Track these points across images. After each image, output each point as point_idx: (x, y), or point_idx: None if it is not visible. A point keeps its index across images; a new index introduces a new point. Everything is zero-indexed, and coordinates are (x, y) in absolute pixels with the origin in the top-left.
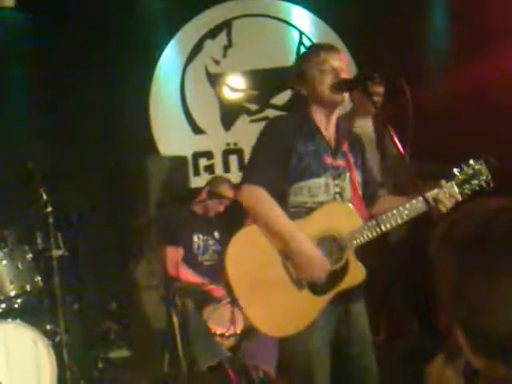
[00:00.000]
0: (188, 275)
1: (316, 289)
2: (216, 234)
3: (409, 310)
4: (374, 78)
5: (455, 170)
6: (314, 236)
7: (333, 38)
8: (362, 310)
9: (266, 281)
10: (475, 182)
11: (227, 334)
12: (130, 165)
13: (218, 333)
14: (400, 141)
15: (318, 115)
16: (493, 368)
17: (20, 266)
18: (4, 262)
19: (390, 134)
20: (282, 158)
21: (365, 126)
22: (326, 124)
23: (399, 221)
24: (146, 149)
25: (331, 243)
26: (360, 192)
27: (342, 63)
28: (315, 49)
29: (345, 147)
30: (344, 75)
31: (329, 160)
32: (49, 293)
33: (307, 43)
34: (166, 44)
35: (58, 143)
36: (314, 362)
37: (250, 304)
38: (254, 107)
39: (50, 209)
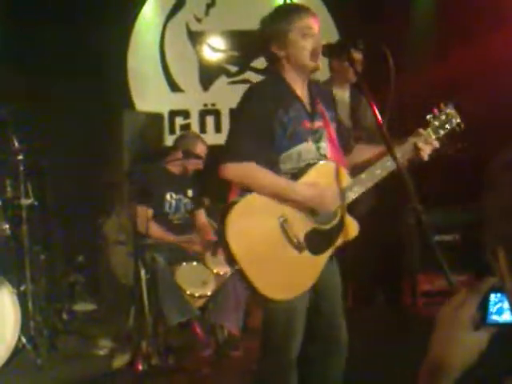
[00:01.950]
0: (159, 233)
1: (315, 249)
2: (190, 192)
3: (375, 280)
4: (357, 45)
5: (428, 117)
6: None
7: (318, 5)
8: (337, 269)
9: (268, 249)
10: (448, 126)
11: (197, 294)
12: (105, 118)
13: (188, 292)
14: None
15: (294, 79)
16: None
17: None
18: None
19: (369, 102)
20: (265, 130)
21: (341, 95)
22: (301, 88)
23: (384, 173)
24: (122, 103)
25: None
26: (339, 146)
27: (319, 28)
28: (297, 11)
29: (319, 105)
30: (321, 41)
31: (308, 124)
32: (16, 241)
33: None
34: None
35: (33, 93)
36: (296, 319)
37: (255, 273)
38: (233, 69)
39: (20, 157)
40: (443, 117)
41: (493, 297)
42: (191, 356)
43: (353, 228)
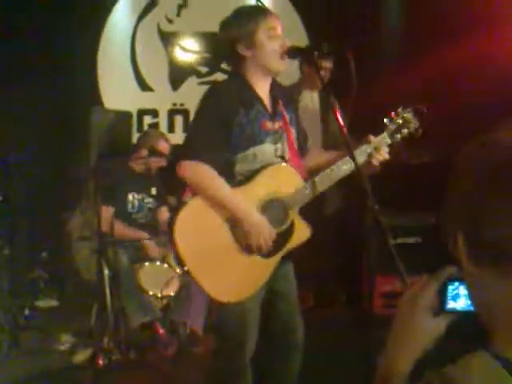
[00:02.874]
0: (123, 231)
1: (263, 253)
2: (153, 191)
3: (337, 281)
4: (322, 49)
5: (386, 121)
6: (259, 200)
7: (290, 11)
8: (291, 270)
9: (217, 250)
10: (405, 130)
11: (160, 295)
12: (73, 115)
13: (150, 293)
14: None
15: (256, 80)
16: (484, 274)
17: None
18: None
19: (333, 109)
20: (222, 130)
21: (310, 99)
22: (263, 88)
23: (336, 178)
24: (90, 100)
25: (276, 205)
26: (296, 149)
27: (282, 31)
28: (263, 12)
29: (280, 106)
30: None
31: (268, 125)
32: None
33: None
34: None
35: (2, 88)
36: (248, 319)
37: (203, 275)
38: (203, 70)
39: None
40: (400, 121)
41: (451, 285)
42: (153, 352)
43: (304, 232)
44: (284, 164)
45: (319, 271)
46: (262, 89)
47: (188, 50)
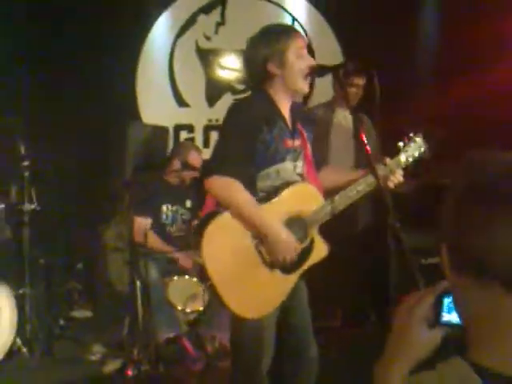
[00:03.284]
0: (157, 244)
1: (286, 268)
2: (188, 203)
3: (367, 300)
4: (345, 66)
5: (400, 144)
6: (281, 217)
7: (324, 27)
8: (303, 285)
9: (242, 266)
10: (416, 153)
11: (188, 310)
12: (111, 129)
13: (179, 308)
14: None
15: (280, 98)
16: (465, 285)
17: None
18: None
19: (359, 129)
20: (247, 146)
21: (344, 117)
22: (285, 106)
23: (356, 197)
24: (128, 115)
25: (296, 223)
26: (314, 167)
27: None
28: (291, 32)
29: (298, 125)
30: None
31: (289, 142)
32: (17, 245)
33: (299, 29)
34: (160, 14)
35: (43, 102)
36: (264, 337)
37: (227, 291)
38: (239, 87)
39: (26, 163)
40: (412, 144)
41: (446, 298)
42: (181, 366)
43: (322, 249)
44: (305, 183)
45: (348, 289)
46: (284, 107)
47: (225, 67)
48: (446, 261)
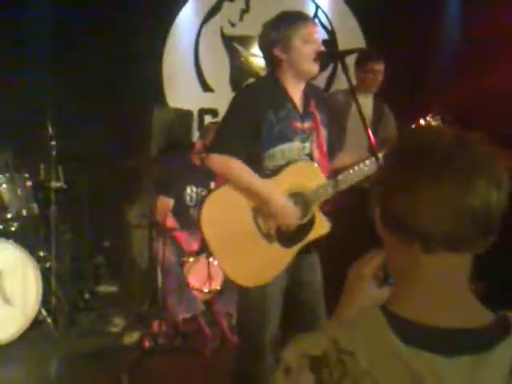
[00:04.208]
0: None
1: (285, 241)
2: (212, 185)
3: None
4: (352, 52)
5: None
6: (283, 193)
7: (348, 16)
8: (316, 261)
9: (239, 236)
10: None
11: (206, 290)
12: (138, 112)
13: (196, 288)
14: None
15: (289, 81)
16: (391, 242)
17: (19, 191)
18: (4, 185)
19: (364, 122)
20: (251, 128)
21: (364, 103)
22: (296, 90)
23: (358, 178)
24: (155, 99)
25: (298, 199)
26: (325, 149)
27: (318, 36)
28: (300, 18)
29: (312, 107)
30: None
31: (298, 124)
32: (44, 221)
33: (322, 18)
34: (186, 1)
35: (71, 85)
36: (268, 305)
37: (225, 258)
38: (262, 72)
39: (54, 142)
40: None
41: None
42: (197, 340)
43: (324, 226)
44: (307, 161)
45: None
46: (295, 90)
47: (248, 53)
48: (377, 219)
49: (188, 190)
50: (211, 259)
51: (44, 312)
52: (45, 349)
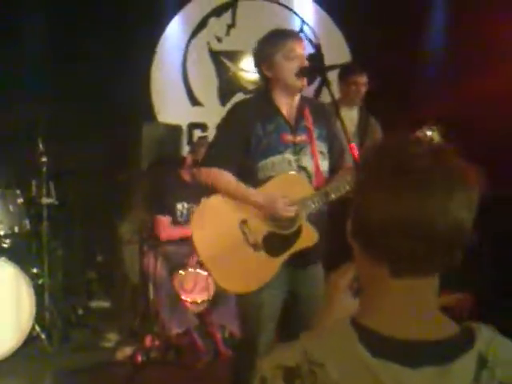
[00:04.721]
0: (178, 233)
1: (271, 251)
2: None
3: None
4: (334, 67)
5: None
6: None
7: (333, 30)
8: (318, 273)
9: (227, 245)
10: None
11: (199, 301)
12: (127, 127)
13: (189, 300)
14: None
15: (279, 96)
16: (359, 251)
17: (11, 208)
18: None
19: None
20: (240, 141)
21: (349, 116)
22: (287, 105)
23: (346, 189)
24: (144, 115)
25: None
26: (323, 162)
27: (304, 50)
28: (283, 36)
29: (309, 122)
30: (306, 62)
31: (289, 137)
32: (36, 237)
33: (308, 32)
34: (173, 17)
35: (61, 101)
36: (263, 315)
37: (213, 265)
38: (250, 86)
39: (45, 159)
40: (425, 139)
41: None
42: (190, 353)
43: (311, 236)
44: (294, 173)
45: None
46: (286, 104)
47: (236, 68)
48: (348, 230)
49: (179, 206)
50: (200, 270)
51: (38, 328)
52: (39, 364)
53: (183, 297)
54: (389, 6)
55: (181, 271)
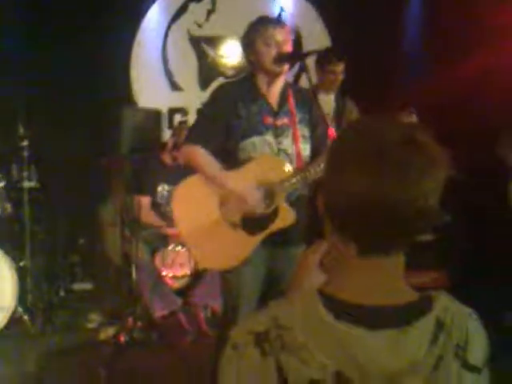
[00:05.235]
0: (151, 217)
1: (249, 229)
2: None
3: None
4: (310, 54)
5: None
6: (246, 182)
7: (312, 16)
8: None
9: (206, 223)
10: None
11: (179, 274)
12: (108, 111)
13: (169, 275)
14: None
15: (262, 80)
16: (330, 228)
17: None
18: None
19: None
20: (222, 121)
21: (326, 100)
22: (270, 89)
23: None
24: (124, 99)
25: (262, 190)
26: (305, 146)
27: (287, 37)
28: (264, 22)
29: (291, 106)
30: (288, 48)
31: (270, 120)
32: (18, 221)
33: (287, 17)
34: (153, 2)
35: (42, 86)
36: (243, 293)
37: (192, 241)
38: (230, 71)
39: (25, 143)
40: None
41: None
42: (173, 333)
43: (288, 217)
44: (273, 155)
45: None
46: (269, 88)
47: (216, 53)
48: (321, 208)
49: (159, 188)
50: (180, 247)
51: (20, 309)
52: (22, 345)
53: (164, 272)
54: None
55: (163, 248)
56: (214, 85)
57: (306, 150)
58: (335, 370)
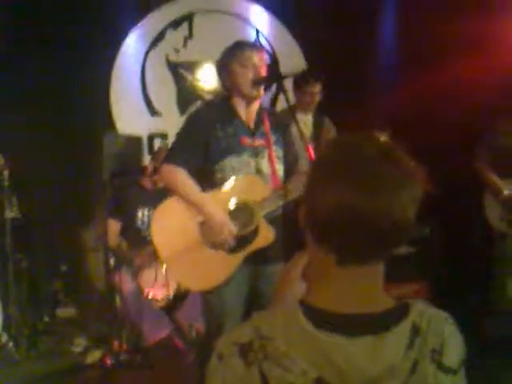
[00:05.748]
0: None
1: (230, 249)
2: None
3: None
4: (287, 77)
5: None
6: (226, 204)
7: (287, 39)
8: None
9: (186, 245)
10: None
11: (159, 297)
12: (88, 138)
13: (149, 297)
14: None
15: (238, 102)
16: (312, 244)
17: None
18: None
19: (299, 129)
20: (200, 141)
21: (304, 121)
22: (246, 111)
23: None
24: (103, 125)
25: (242, 210)
26: (280, 167)
27: (263, 61)
28: (241, 46)
29: (266, 128)
30: (264, 72)
31: (248, 140)
32: (1, 249)
33: (263, 41)
34: (131, 29)
35: (20, 113)
36: (225, 312)
37: (174, 265)
38: (208, 96)
39: (6, 173)
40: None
41: None
42: (158, 355)
43: (267, 237)
44: (252, 175)
45: None
46: (245, 110)
47: (193, 78)
48: (300, 217)
49: (139, 214)
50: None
51: (5, 336)
52: (8, 371)
53: (146, 289)
54: (342, 13)
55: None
56: (193, 109)
57: (280, 170)
58: (316, 377)
